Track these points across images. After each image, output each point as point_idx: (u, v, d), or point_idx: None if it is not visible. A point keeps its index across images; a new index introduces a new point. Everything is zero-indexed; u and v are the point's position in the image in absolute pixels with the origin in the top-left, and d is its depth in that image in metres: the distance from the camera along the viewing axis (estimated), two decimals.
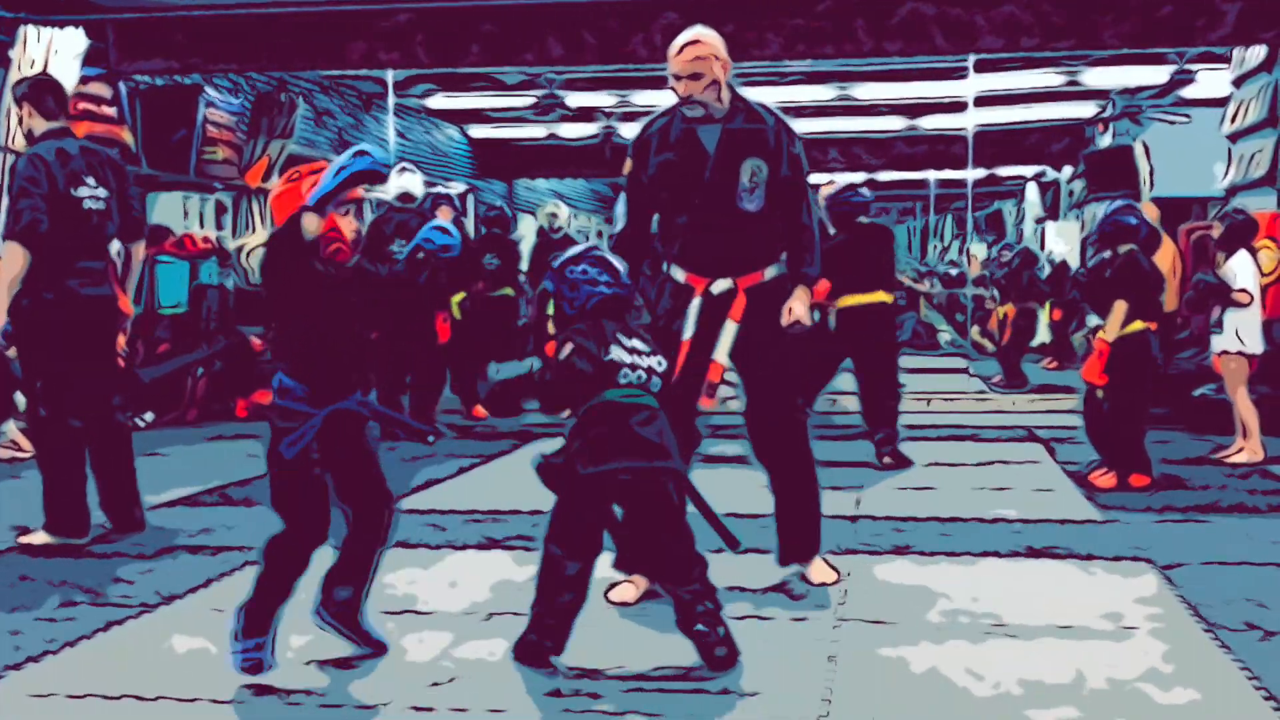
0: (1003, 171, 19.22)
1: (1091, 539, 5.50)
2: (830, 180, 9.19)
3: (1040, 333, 14.59)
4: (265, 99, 12.23)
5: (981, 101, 13.74)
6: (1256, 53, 10.54)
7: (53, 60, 9.20)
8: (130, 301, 5.94)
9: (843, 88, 14.22)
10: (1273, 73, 10.30)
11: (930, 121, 16.35)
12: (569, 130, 17.59)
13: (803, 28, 9.57)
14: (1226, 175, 11.33)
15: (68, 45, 9.35)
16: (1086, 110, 16.01)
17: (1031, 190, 20.18)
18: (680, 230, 4.53)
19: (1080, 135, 17.05)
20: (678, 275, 4.56)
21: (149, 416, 9.63)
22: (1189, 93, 13.92)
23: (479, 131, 18.01)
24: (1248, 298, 7.61)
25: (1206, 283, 7.82)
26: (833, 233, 7.66)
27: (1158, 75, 13.50)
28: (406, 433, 4.05)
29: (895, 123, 16.55)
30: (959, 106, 14.00)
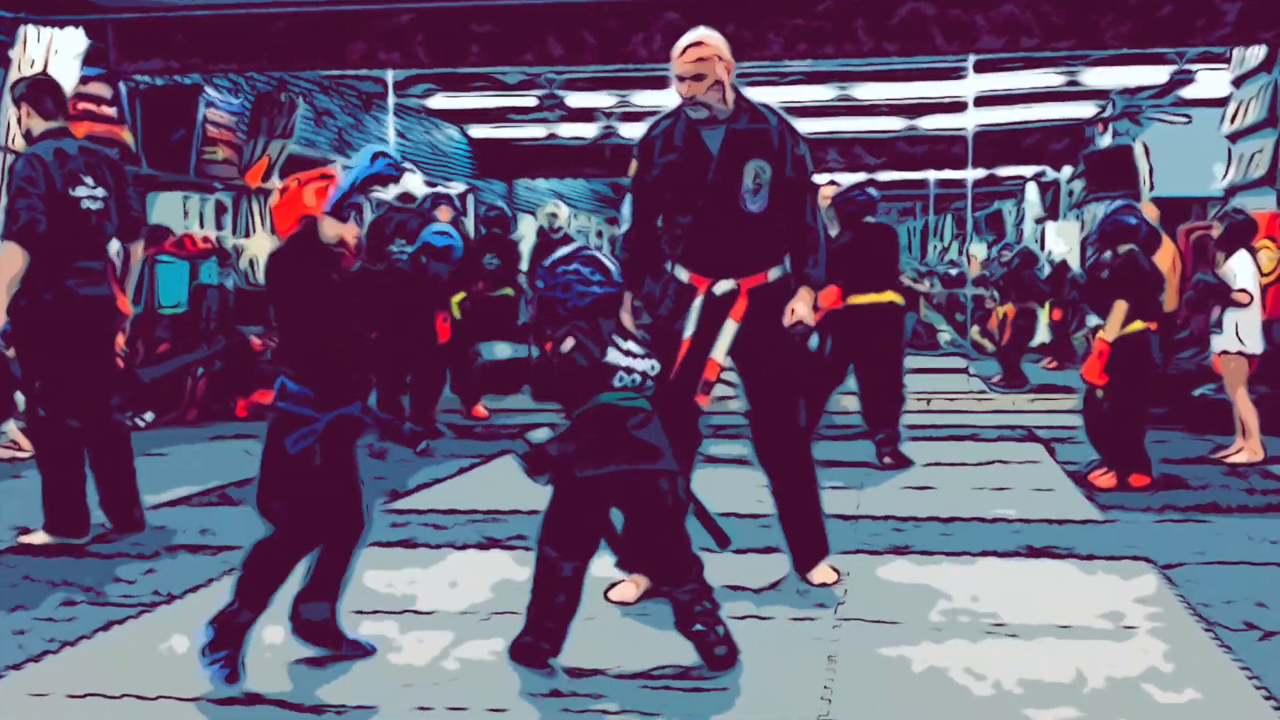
0: (1002, 171, 19.20)
1: (1091, 539, 5.51)
2: (830, 180, 9.18)
3: (1040, 333, 14.59)
4: (265, 99, 12.22)
5: (981, 101, 13.71)
6: (1256, 53, 10.53)
7: (52, 60, 9.19)
8: (129, 301, 5.93)
9: (843, 88, 14.21)
10: (1273, 72, 10.30)
11: (930, 121, 16.34)
12: (569, 130, 17.59)
13: (803, 28, 9.57)
14: (1226, 175, 11.33)
15: (68, 45, 9.34)
16: (1086, 110, 16.00)
17: (1031, 190, 20.18)
18: (684, 231, 4.54)
19: (1080, 135, 17.04)
20: (681, 275, 4.57)
21: (149, 416, 9.63)
22: (1189, 93, 13.91)
23: (479, 131, 18.00)
24: (1247, 298, 7.62)
25: (1206, 283, 7.82)
26: (834, 233, 7.63)
27: (1158, 75, 13.49)
28: (403, 440, 4.00)
29: (895, 123, 16.54)
30: (959, 106, 13.97)
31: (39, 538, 5.44)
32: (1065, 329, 14.68)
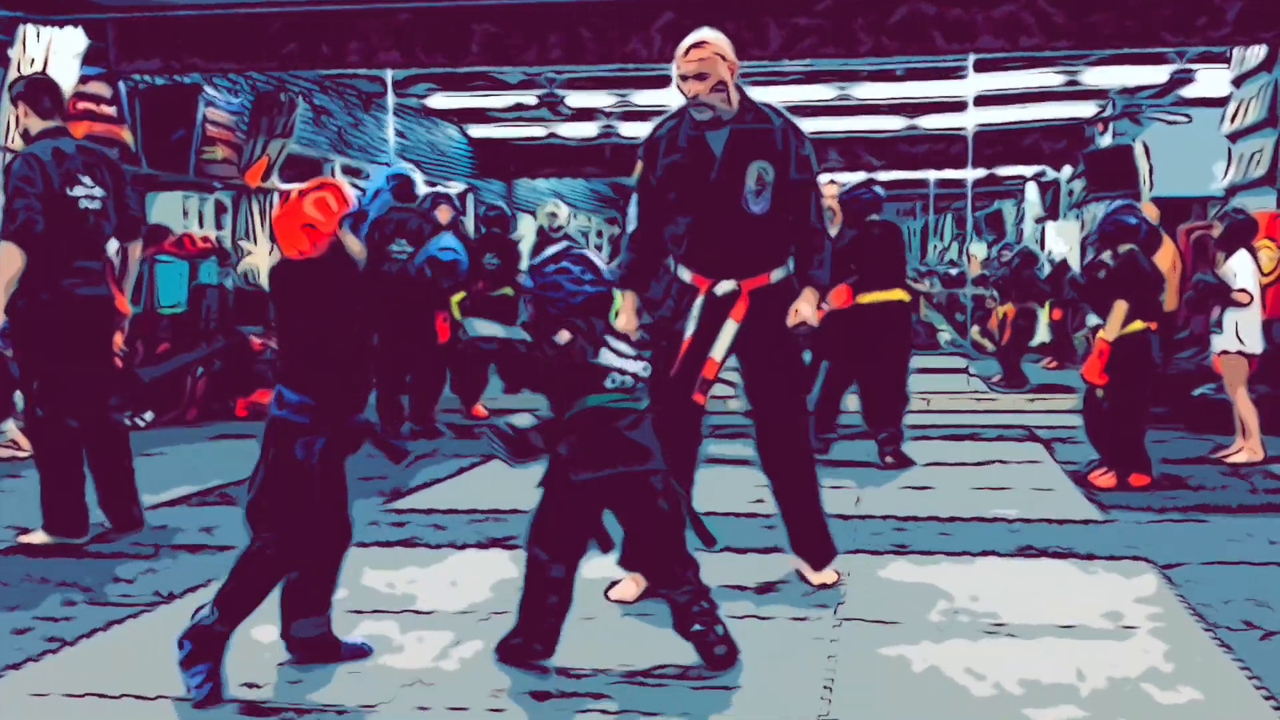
0: (1002, 171, 19.20)
1: (1091, 538, 5.51)
2: (830, 180, 9.17)
3: (1040, 332, 14.59)
4: (265, 98, 12.22)
5: (981, 101, 13.71)
6: (1256, 52, 10.53)
7: (52, 59, 9.19)
8: (128, 301, 5.92)
9: (843, 87, 14.21)
10: (1273, 72, 10.29)
11: (930, 121, 16.34)
12: (569, 130, 17.59)
13: (803, 27, 9.57)
14: (1226, 175, 11.33)
15: (67, 44, 9.34)
16: (1086, 110, 15.99)
17: (1031, 190, 20.18)
18: (687, 231, 4.54)
19: (1080, 135, 17.03)
20: (684, 275, 4.58)
21: (149, 416, 9.63)
22: (1189, 92, 13.90)
23: (479, 131, 18.00)
24: (1247, 297, 7.62)
25: (1206, 283, 7.82)
26: (834, 232, 7.63)
27: (1157, 75, 13.49)
28: (391, 453, 3.88)
29: (895, 122, 16.53)
30: (959, 106, 13.97)
31: (38, 537, 5.44)
32: (1065, 329, 14.68)
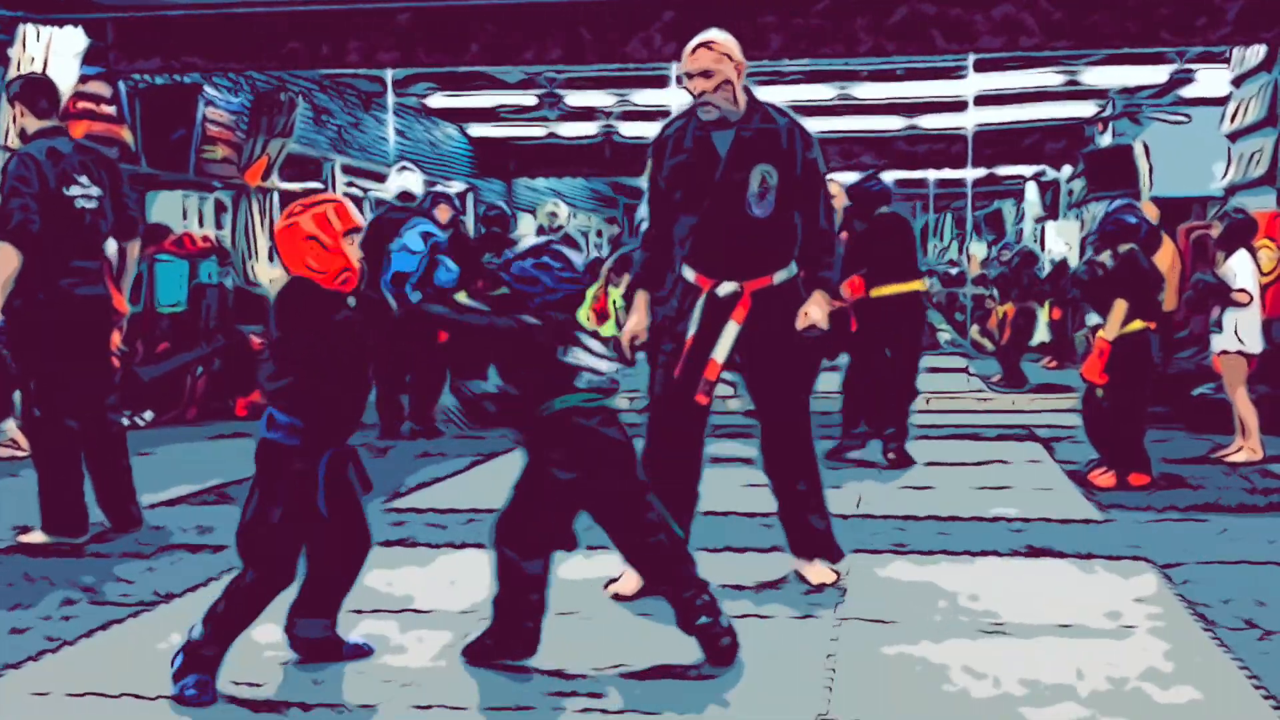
0: (1002, 171, 19.20)
1: (1091, 538, 5.50)
2: (830, 179, 9.15)
3: (1040, 332, 14.59)
4: (265, 98, 12.22)
5: (981, 101, 13.72)
6: (1256, 52, 10.54)
7: (52, 59, 9.19)
8: (126, 300, 5.92)
9: (842, 87, 14.21)
10: (1272, 72, 10.30)
11: (930, 121, 16.34)
12: (569, 129, 17.59)
13: (803, 27, 9.57)
14: (1226, 174, 11.33)
15: (67, 44, 9.34)
16: (1086, 110, 15.99)
17: (1031, 190, 20.18)
18: (691, 231, 4.54)
19: (1080, 135, 17.04)
20: (688, 275, 4.58)
21: (148, 415, 9.63)
22: (1188, 92, 13.91)
23: (478, 130, 18.00)
24: (1247, 297, 7.62)
25: (1206, 282, 7.82)
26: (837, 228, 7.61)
27: (1157, 75, 13.49)
28: (363, 484, 3.85)
29: (895, 122, 16.53)
30: (958, 106, 13.98)
31: (37, 537, 5.44)
32: (1065, 328, 14.68)
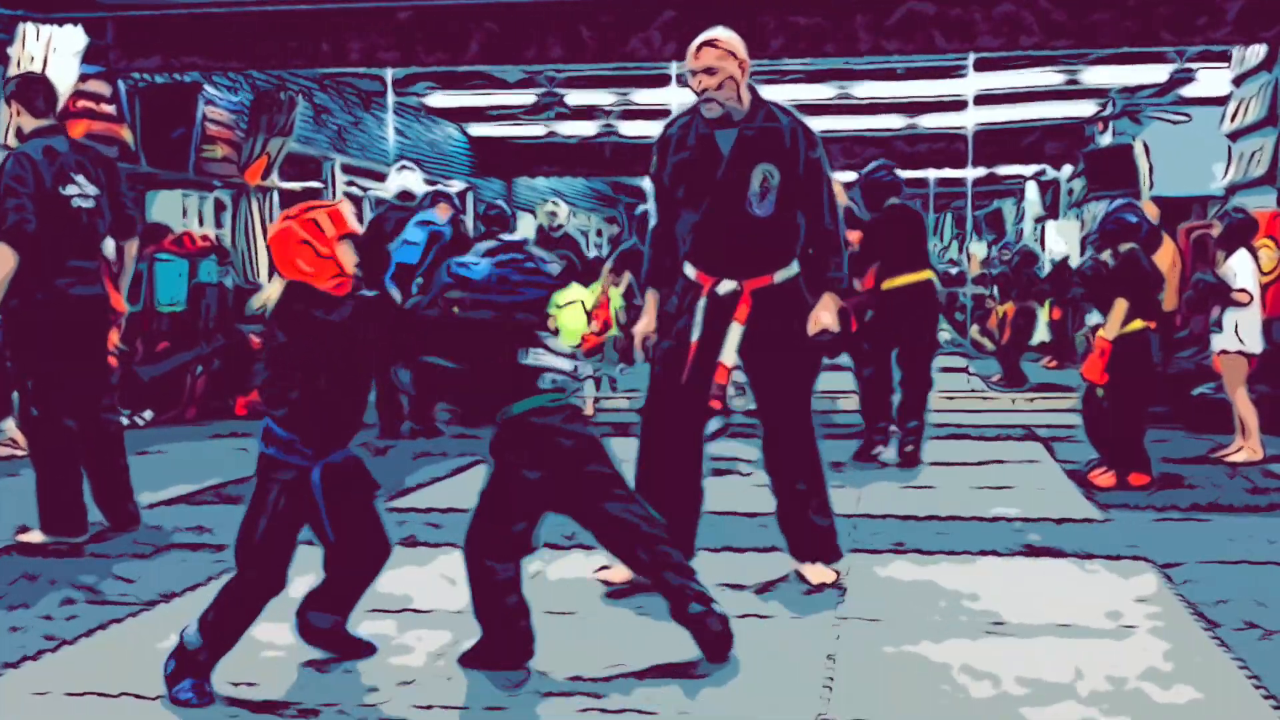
0: (1002, 170, 19.19)
1: (1091, 538, 5.50)
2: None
3: (1040, 331, 14.59)
4: (264, 97, 12.22)
5: (981, 100, 13.72)
6: (1256, 51, 10.53)
7: (52, 58, 9.18)
8: (124, 299, 5.91)
9: (842, 86, 14.20)
10: (1273, 71, 10.29)
11: (930, 120, 16.33)
12: (568, 128, 17.58)
13: (803, 26, 9.56)
14: (1226, 174, 11.32)
15: (67, 42, 9.33)
16: (1086, 109, 15.99)
17: (1031, 189, 20.18)
18: (693, 229, 4.54)
19: (1080, 134, 17.03)
20: (689, 272, 4.59)
21: (148, 414, 9.62)
22: (1189, 91, 13.90)
23: (478, 129, 17.99)
24: (1247, 297, 7.61)
25: (1206, 282, 7.82)
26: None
27: (1157, 74, 13.48)
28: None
29: (895, 121, 16.53)
30: (959, 105, 13.98)
31: (35, 537, 5.43)
32: (1065, 328, 14.68)
